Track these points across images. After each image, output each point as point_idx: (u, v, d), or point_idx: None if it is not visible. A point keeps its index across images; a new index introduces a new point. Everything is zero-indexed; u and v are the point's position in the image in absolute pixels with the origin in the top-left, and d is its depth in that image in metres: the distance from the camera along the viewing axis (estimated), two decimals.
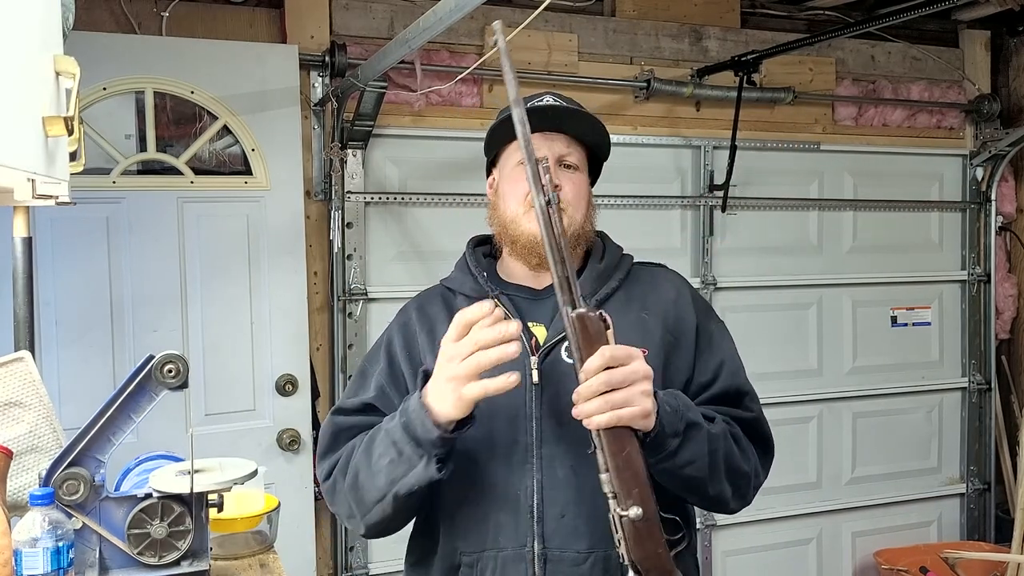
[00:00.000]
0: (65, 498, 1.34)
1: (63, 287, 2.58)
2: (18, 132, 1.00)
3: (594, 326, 1.12)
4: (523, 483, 1.31)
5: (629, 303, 1.41)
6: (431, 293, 1.53)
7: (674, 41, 3.35)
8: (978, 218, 3.84)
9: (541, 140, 1.37)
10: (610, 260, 1.45)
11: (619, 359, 1.12)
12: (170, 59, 2.66)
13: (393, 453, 1.25)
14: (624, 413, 1.11)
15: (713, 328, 1.44)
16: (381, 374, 1.43)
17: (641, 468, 1.12)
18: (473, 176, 3.11)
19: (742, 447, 1.33)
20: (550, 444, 1.31)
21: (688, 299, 1.44)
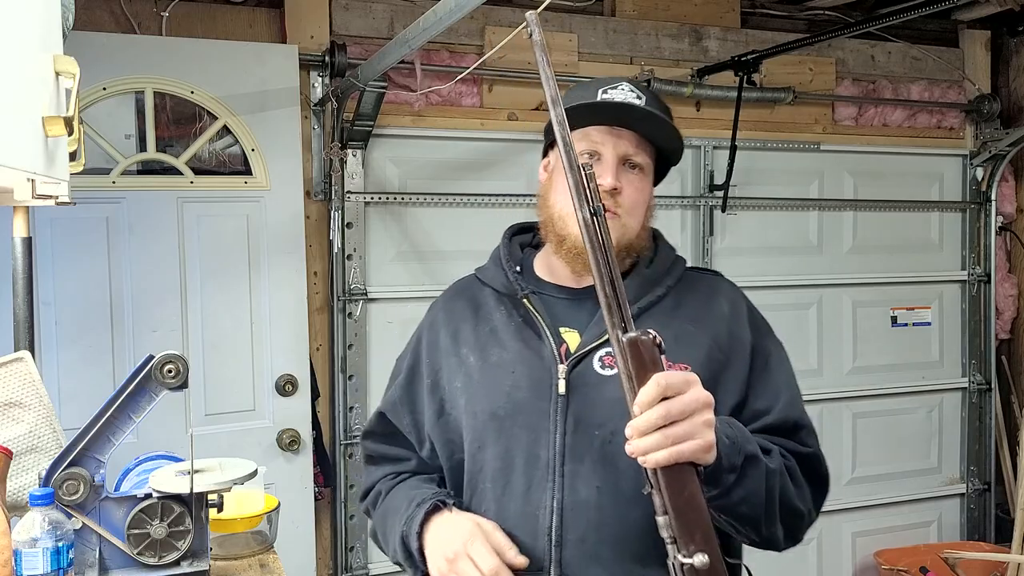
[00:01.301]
0: (65, 498, 1.34)
1: (63, 287, 2.58)
2: (18, 132, 1.00)
3: (648, 352, 0.99)
4: (542, 502, 1.21)
5: (676, 312, 1.28)
6: (461, 285, 1.44)
7: (674, 41, 3.35)
8: (978, 218, 3.84)
9: (607, 135, 1.26)
10: (660, 264, 1.33)
11: (676, 387, 0.98)
12: (170, 59, 2.66)
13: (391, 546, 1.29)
14: (685, 448, 0.98)
15: (771, 349, 1.30)
16: (399, 386, 1.39)
17: (704, 508, 1.00)
18: (473, 176, 3.11)
19: (798, 484, 1.21)
20: (574, 461, 1.20)
21: (744, 314, 1.31)
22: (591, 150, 1.25)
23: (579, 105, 1.25)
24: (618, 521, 1.18)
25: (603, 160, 1.25)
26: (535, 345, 1.26)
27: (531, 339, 1.27)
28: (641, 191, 1.28)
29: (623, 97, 1.26)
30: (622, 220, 1.25)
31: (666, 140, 1.29)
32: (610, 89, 1.27)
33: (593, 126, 1.26)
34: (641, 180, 1.28)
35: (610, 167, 1.24)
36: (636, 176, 1.27)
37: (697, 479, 1.00)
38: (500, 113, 3.14)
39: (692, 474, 1.00)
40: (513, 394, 1.24)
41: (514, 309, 1.31)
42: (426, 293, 3.05)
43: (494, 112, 3.13)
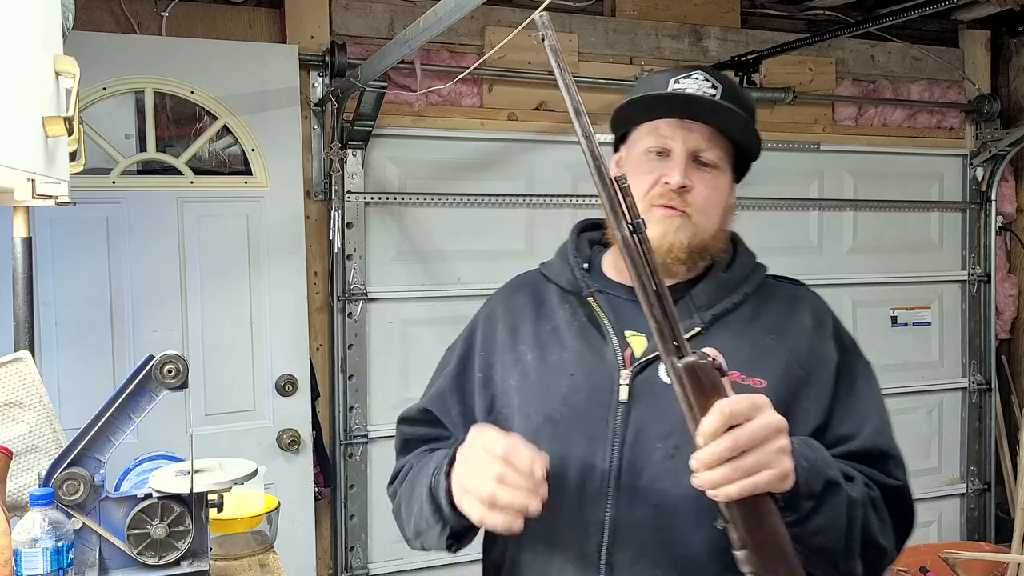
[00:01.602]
0: (65, 498, 1.34)
1: (63, 287, 2.58)
2: (18, 132, 1.00)
3: (707, 377, 0.91)
4: (593, 517, 1.11)
5: (752, 323, 1.18)
6: (524, 279, 1.35)
7: (674, 41, 3.35)
8: (978, 218, 3.84)
9: (676, 128, 1.16)
10: (738, 270, 1.23)
11: (742, 414, 0.90)
12: (170, 59, 2.66)
13: (416, 507, 1.16)
14: (760, 479, 0.89)
15: (859, 370, 1.19)
16: (447, 376, 1.30)
17: (786, 540, 0.92)
18: (473, 176, 3.11)
19: (882, 517, 1.10)
20: (631, 475, 1.10)
21: (829, 329, 1.21)
22: (660, 146, 1.17)
23: (642, 97, 1.17)
24: (676, 545, 1.08)
25: (672, 156, 1.16)
26: (598, 347, 1.18)
27: (594, 340, 1.19)
28: (715, 189, 1.18)
29: (695, 87, 1.16)
30: (692, 220, 1.16)
31: (741, 134, 1.18)
32: (683, 79, 1.17)
33: (662, 119, 1.17)
34: (715, 177, 1.18)
35: (679, 164, 1.15)
36: (709, 173, 1.17)
37: (776, 509, 0.93)
38: (500, 113, 3.14)
39: (770, 504, 0.92)
40: (570, 398, 1.16)
41: (579, 308, 1.23)
42: (426, 293, 3.06)
43: (494, 112, 3.13)
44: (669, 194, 1.15)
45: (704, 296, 1.19)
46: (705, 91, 1.16)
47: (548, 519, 1.11)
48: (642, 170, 1.18)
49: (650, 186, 1.16)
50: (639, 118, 1.21)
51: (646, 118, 1.19)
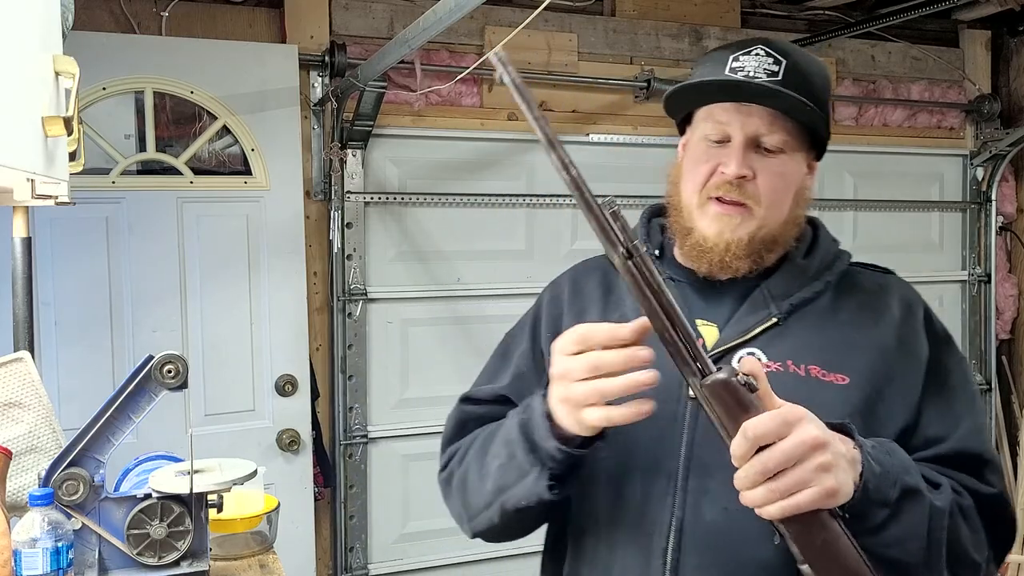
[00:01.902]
0: (64, 498, 1.33)
1: (63, 287, 2.58)
2: (18, 132, 1.00)
3: (734, 395, 0.86)
4: (659, 519, 1.05)
5: (835, 315, 1.10)
6: (592, 264, 1.25)
7: (674, 41, 3.34)
8: (978, 218, 3.84)
9: (733, 113, 1.07)
10: (819, 257, 1.14)
11: (771, 433, 0.84)
12: (170, 59, 2.66)
13: (504, 456, 1.04)
14: (801, 499, 0.84)
15: (952, 366, 1.10)
16: (522, 356, 1.21)
17: (849, 555, 0.86)
18: (473, 176, 3.11)
19: (974, 529, 1.01)
20: (701, 475, 1.03)
21: (920, 321, 1.11)
22: (719, 134, 1.08)
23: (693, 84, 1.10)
24: (747, 551, 1.01)
25: (730, 143, 1.08)
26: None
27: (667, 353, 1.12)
28: (781, 176, 1.08)
29: (755, 66, 1.06)
30: (754, 212, 1.07)
31: (805, 115, 1.06)
32: (742, 55, 1.08)
33: (717, 103, 1.09)
34: (782, 163, 1.08)
35: (736, 153, 1.06)
36: (775, 160, 1.07)
37: (834, 523, 0.87)
38: (500, 113, 3.14)
39: (823, 520, 0.86)
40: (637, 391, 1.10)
41: None
42: (426, 293, 3.06)
43: (494, 112, 3.13)
44: (726, 185, 1.07)
45: (781, 285, 1.10)
46: (766, 68, 1.06)
47: (612, 517, 1.07)
48: (700, 159, 1.10)
49: (707, 176, 1.09)
50: (696, 101, 1.13)
51: (703, 102, 1.11)
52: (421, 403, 3.03)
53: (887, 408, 1.05)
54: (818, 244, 1.16)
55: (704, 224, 1.09)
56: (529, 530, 1.14)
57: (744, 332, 1.08)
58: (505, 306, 3.10)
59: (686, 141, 1.17)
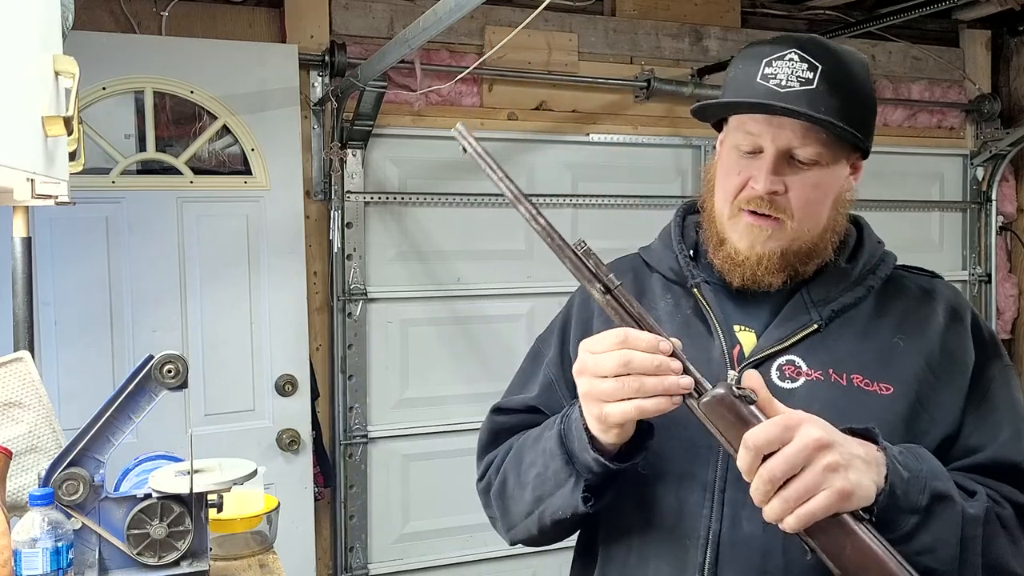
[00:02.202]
0: (64, 498, 1.33)
1: (63, 287, 2.58)
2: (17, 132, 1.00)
3: (731, 410, 0.87)
4: (695, 531, 1.02)
5: (879, 320, 1.07)
6: (624, 264, 1.22)
7: (674, 41, 3.34)
8: (979, 218, 3.83)
9: (764, 125, 1.03)
10: (863, 260, 1.10)
11: (772, 441, 0.84)
12: (170, 59, 2.66)
13: (541, 464, 1.03)
14: (816, 505, 0.83)
15: (996, 374, 1.06)
16: (551, 364, 1.19)
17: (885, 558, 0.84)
18: (473, 176, 3.11)
19: (1014, 539, 0.97)
20: (738, 487, 0.97)
21: (967, 328, 1.07)
22: (751, 145, 1.05)
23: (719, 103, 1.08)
24: (788, 568, 0.98)
25: (762, 156, 1.04)
26: (703, 344, 1.07)
27: (699, 337, 1.08)
28: (815, 188, 1.04)
29: (787, 74, 1.01)
30: (787, 225, 1.03)
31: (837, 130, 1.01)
32: (775, 60, 1.02)
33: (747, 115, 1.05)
34: (816, 175, 1.03)
35: (766, 167, 1.03)
36: (809, 172, 1.03)
37: (859, 528, 0.85)
38: (500, 113, 3.14)
39: (846, 526, 0.85)
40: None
41: (683, 299, 1.12)
42: (426, 293, 3.06)
43: (494, 112, 3.13)
44: (756, 200, 1.04)
45: (822, 290, 1.07)
46: (799, 76, 1.01)
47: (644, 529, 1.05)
48: (731, 169, 1.07)
49: (738, 188, 1.06)
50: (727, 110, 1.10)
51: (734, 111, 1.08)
52: (421, 403, 3.03)
53: (930, 418, 1.02)
54: (863, 247, 1.12)
55: (736, 236, 1.06)
56: (566, 536, 1.12)
57: (783, 339, 1.05)
58: (505, 306, 3.10)
59: (722, 139, 1.14)
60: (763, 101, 1.01)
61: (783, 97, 1.01)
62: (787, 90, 1.01)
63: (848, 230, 1.13)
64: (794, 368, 1.04)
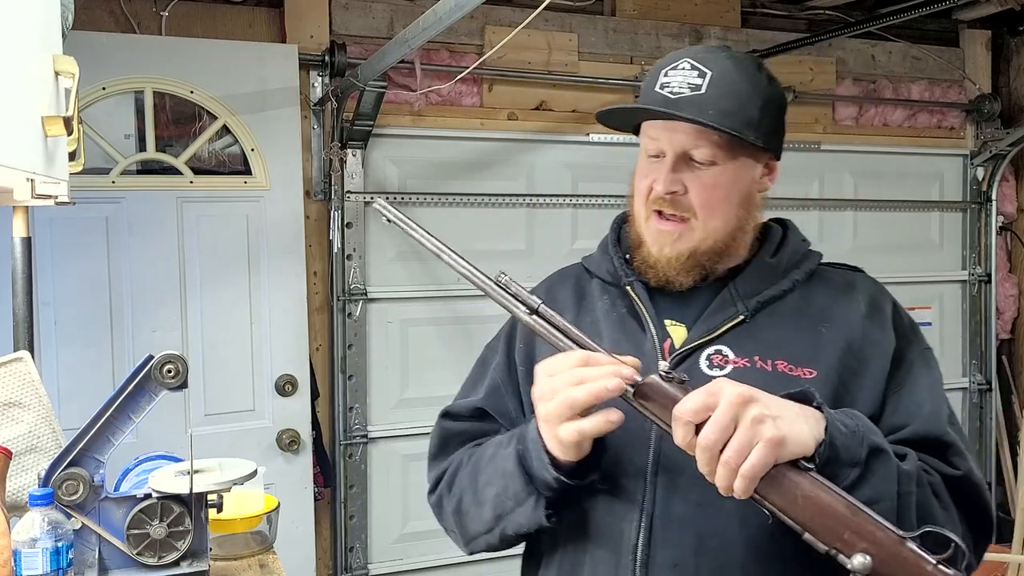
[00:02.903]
0: (64, 498, 1.33)
1: (63, 287, 2.57)
2: (17, 132, 1.00)
3: (659, 393, 0.92)
4: (629, 516, 1.07)
5: (804, 311, 1.12)
6: (567, 272, 1.31)
7: (674, 41, 3.34)
8: (979, 218, 3.83)
9: (662, 130, 1.10)
10: (786, 255, 1.17)
11: (698, 406, 0.89)
12: (169, 59, 2.66)
13: (500, 485, 1.08)
14: (756, 460, 0.87)
15: (915, 356, 1.12)
16: (498, 368, 1.25)
17: (837, 502, 0.87)
18: (473, 176, 3.11)
19: (945, 505, 1.01)
20: (670, 472, 1.05)
21: (887, 315, 1.14)
22: (654, 149, 1.12)
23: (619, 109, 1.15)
24: (721, 545, 1.03)
25: (664, 159, 1.11)
26: (636, 338, 1.13)
27: (633, 332, 1.15)
28: (714, 187, 1.10)
29: (680, 82, 1.09)
30: (693, 225, 1.10)
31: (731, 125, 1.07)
32: (671, 70, 1.10)
33: (649, 121, 1.13)
34: (714, 174, 1.10)
35: (664, 170, 1.10)
36: (706, 172, 1.09)
37: (805, 477, 0.88)
38: (500, 113, 3.14)
39: (792, 476, 0.88)
40: None
41: (618, 299, 1.19)
42: (426, 293, 3.06)
43: (494, 112, 3.13)
44: (660, 200, 1.11)
45: (748, 284, 1.13)
46: (689, 83, 1.08)
47: (585, 515, 1.10)
48: (642, 172, 1.15)
49: (648, 190, 1.13)
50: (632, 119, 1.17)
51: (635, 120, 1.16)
52: (421, 403, 3.03)
53: (853, 400, 1.07)
54: (786, 244, 1.19)
55: (649, 239, 1.14)
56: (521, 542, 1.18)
57: (711, 331, 1.11)
58: None
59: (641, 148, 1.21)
60: (650, 107, 1.10)
61: (675, 103, 1.08)
62: (678, 96, 1.08)
63: (774, 229, 1.21)
64: (722, 357, 1.09)
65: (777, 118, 1.15)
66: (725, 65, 1.10)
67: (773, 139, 1.15)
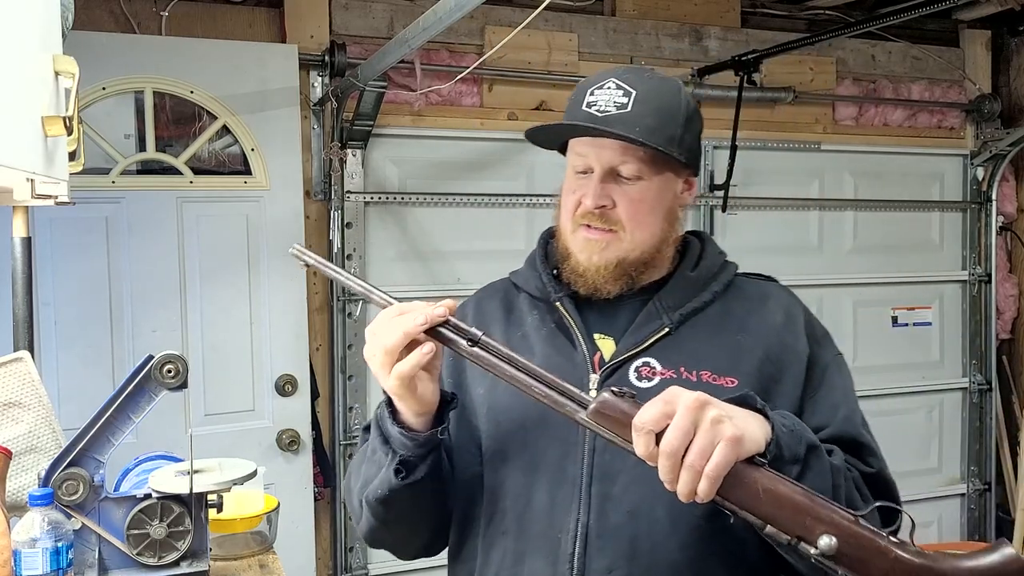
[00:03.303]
0: (64, 498, 1.34)
1: (63, 287, 2.57)
2: (17, 132, 1.00)
3: (615, 410, 0.94)
4: (565, 525, 1.09)
5: (723, 322, 1.17)
6: (495, 287, 1.34)
7: (674, 41, 3.34)
8: (979, 218, 3.83)
9: (589, 147, 1.16)
10: (706, 268, 1.21)
11: (657, 414, 0.90)
12: (169, 59, 2.66)
13: (368, 452, 1.14)
14: (718, 460, 0.88)
15: (829, 361, 1.18)
16: None
17: (793, 491, 0.90)
18: (473, 176, 3.11)
19: (865, 498, 1.06)
20: (604, 481, 1.08)
21: (800, 323, 1.19)
22: (582, 165, 1.17)
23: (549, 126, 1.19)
24: (652, 553, 1.06)
25: (592, 174, 1.16)
26: (567, 352, 1.16)
27: (563, 346, 1.17)
28: (641, 201, 1.14)
29: (606, 100, 1.15)
30: (621, 236, 1.14)
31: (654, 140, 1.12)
32: (596, 90, 1.16)
33: (576, 138, 1.18)
34: (641, 189, 1.14)
35: (593, 185, 1.15)
36: (632, 187, 1.14)
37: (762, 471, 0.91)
38: (500, 113, 3.14)
39: (749, 471, 0.90)
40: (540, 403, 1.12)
41: (547, 314, 1.22)
42: (426, 293, 3.05)
43: (494, 112, 3.13)
44: (589, 215, 1.15)
45: (671, 297, 1.17)
46: (615, 101, 1.14)
47: (521, 526, 1.12)
48: (569, 188, 1.20)
49: (576, 205, 1.17)
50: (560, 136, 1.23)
51: (564, 137, 1.21)
52: None
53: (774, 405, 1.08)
54: (705, 256, 1.23)
55: (577, 249, 1.17)
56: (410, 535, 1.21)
57: (638, 343, 1.14)
58: None
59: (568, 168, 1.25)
60: (581, 123, 1.14)
61: (602, 120, 1.13)
62: (605, 114, 1.13)
63: (692, 243, 1.25)
64: (649, 369, 1.13)
65: (697, 137, 1.20)
66: (649, 85, 1.16)
67: (693, 156, 1.20)
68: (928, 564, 0.90)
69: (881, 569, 0.88)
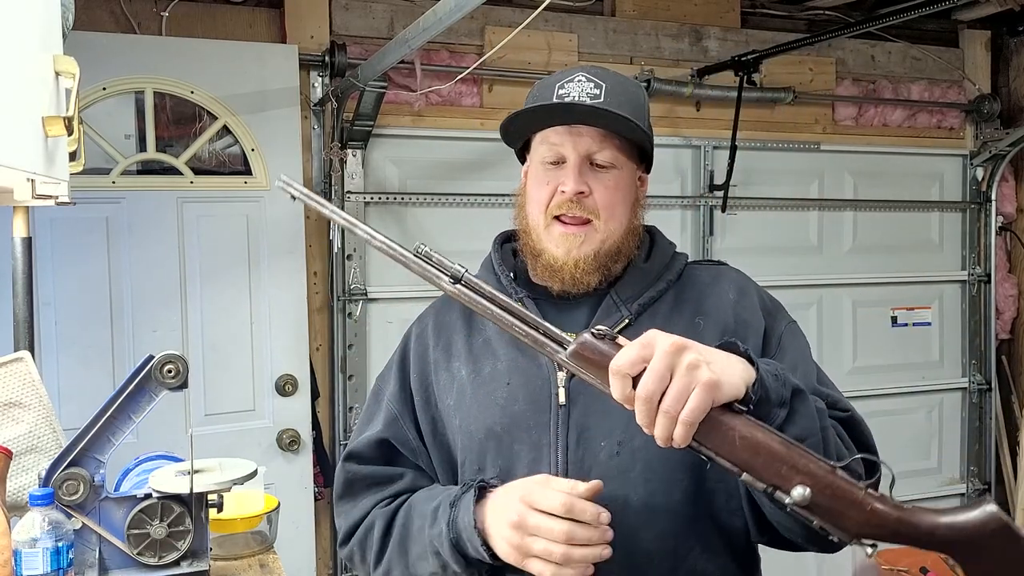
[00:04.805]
0: (65, 498, 1.34)
1: (63, 287, 2.58)
2: (18, 132, 1.00)
3: (594, 352, 0.93)
4: None
5: (680, 308, 1.20)
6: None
7: (674, 41, 3.35)
8: (978, 218, 3.84)
9: (565, 135, 1.17)
10: (658, 259, 1.24)
11: (634, 358, 0.89)
12: (170, 59, 2.66)
13: (436, 565, 1.12)
14: (693, 406, 0.87)
15: (783, 330, 1.21)
16: (392, 399, 1.27)
17: (771, 440, 0.89)
18: (473, 176, 3.11)
19: (843, 440, 1.07)
20: (578, 473, 1.11)
21: (754, 300, 1.23)
22: (555, 155, 1.18)
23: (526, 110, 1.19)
24: (627, 544, 1.08)
25: (566, 163, 1.17)
26: (531, 353, 1.16)
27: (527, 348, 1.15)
28: (616, 189, 1.17)
29: (578, 91, 1.16)
30: (596, 226, 1.16)
31: (629, 132, 1.16)
32: (567, 83, 1.17)
33: (551, 127, 1.19)
34: (615, 178, 1.17)
35: (572, 171, 1.16)
36: (607, 174, 1.17)
37: (740, 418, 0.90)
38: (500, 113, 3.13)
39: (728, 419, 0.89)
40: (509, 407, 1.16)
41: None
42: (426, 293, 3.05)
43: (494, 112, 3.13)
44: (567, 203, 1.16)
45: (628, 289, 1.20)
46: (588, 92, 1.16)
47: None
48: (540, 181, 1.20)
49: (549, 197, 1.18)
50: (531, 128, 1.22)
51: (537, 128, 1.21)
52: None
53: None
54: (656, 248, 1.26)
55: (552, 245, 1.18)
56: None
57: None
58: None
59: (527, 168, 1.28)
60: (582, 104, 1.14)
61: (586, 108, 1.14)
62: (580, 103, 1.15)
63: (644, 236, 1.27)
64: None
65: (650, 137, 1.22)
66: (616, 79, 1.20)
67: (650, 154, 1.24)
68: (905, 517, 0.87)
69: (857, 521, 0.87)
